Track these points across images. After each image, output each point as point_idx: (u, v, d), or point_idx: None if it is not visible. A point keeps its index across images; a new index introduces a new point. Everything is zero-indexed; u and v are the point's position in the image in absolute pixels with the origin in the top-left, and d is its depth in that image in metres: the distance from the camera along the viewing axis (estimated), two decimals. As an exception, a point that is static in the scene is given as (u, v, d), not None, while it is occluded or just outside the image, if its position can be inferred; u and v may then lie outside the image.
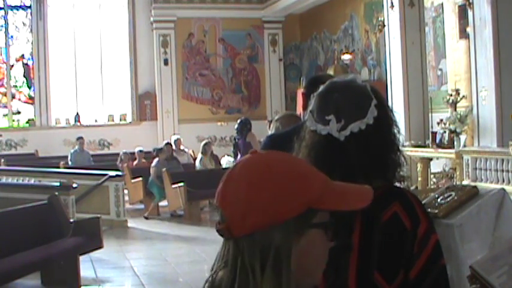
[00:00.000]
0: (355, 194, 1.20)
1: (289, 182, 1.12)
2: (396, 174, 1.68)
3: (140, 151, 14.18)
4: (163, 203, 12.40)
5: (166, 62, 17.08)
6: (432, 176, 10.26)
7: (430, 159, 10.19)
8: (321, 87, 1.72)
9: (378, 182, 1.62)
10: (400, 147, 1.70)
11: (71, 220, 7.53)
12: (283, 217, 1.11)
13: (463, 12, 9.93)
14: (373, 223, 1.59)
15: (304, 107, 2.87)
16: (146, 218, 11.78)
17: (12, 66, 16.96)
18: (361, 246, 1.59)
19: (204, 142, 13.54)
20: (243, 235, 1.11)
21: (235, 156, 10.31)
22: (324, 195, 1.14)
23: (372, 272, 1.57)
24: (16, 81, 17.06)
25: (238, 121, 10.38)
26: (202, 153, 13.13)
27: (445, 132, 9.55)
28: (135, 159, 14.10)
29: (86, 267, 7.53)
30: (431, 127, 10.57)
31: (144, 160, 13.97)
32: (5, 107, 16.89)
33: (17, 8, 16.91)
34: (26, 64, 17.00)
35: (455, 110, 9.59)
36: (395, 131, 1.69)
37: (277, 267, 1.10)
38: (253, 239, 1.11)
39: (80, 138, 14.75)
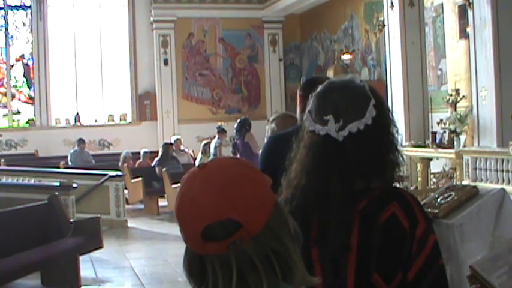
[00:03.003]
0: None
1: (258, 171, 1.23)
2: (394, 174, 1.68)
3: (145, 152, 14.14)
4: (164, 202, 12.39)
5: (166, 62, 17.06)
6: (432, 176, 10.25)
7: (430, 159, 10.18)
8: (319, 88, 1.71)
9: (376, 182, 1.62)
10: (399, 147, 1.70)
11: (71, 220, 7.53)
12: (274, 199, 1.20)
13: (463, 12, 9.92)
14: (371, 224, 1.59)
15: (302, 109, 2.80)
16: None
17: (12, 66, 16.95)
18: (359, 247, 1.58)
19: (204, 142, 13.53)
20: (259, 230, 1.15)
21: (235, 157, 10.28)
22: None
23: (371, 272, 1.57)
24: (16, 81, 17.05)
25: (238, 121, 10.36)
26: (202, 153, 13.12)
27: (445, 132, 9.54)
28: (139, 158, 14.09)
29: (86, 267, 7.52)
30: (431, 127, 10.56)
31: (148, 160, 13.96)
32: (5, 107, 16.88)
33: (17, 8, 16.89)
34: (26, 64, 16.99)
35: (455, 110, 9.59)
36: (394, 130, 1.69)
37: (298, 239, 1.20)
38: (269, 228, 1.15)
39: (81, 143, 14.69)
